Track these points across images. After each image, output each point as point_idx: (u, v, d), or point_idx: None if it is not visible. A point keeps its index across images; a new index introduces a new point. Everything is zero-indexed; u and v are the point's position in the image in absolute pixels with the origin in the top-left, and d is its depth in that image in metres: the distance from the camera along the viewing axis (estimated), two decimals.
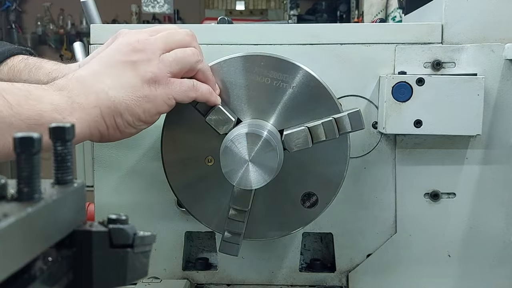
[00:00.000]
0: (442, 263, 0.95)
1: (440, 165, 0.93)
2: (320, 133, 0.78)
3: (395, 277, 0.96)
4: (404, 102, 0.88)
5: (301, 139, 0.78)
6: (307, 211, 0.84)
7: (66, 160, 0.34)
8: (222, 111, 0.79)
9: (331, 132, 0.78)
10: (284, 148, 0.79)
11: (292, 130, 0.79)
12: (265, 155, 0.74)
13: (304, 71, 0.81)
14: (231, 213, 0.81)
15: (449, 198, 0.94)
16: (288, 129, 0.80)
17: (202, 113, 0.80)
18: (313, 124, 0.79)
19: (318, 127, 0.78)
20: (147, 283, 0.93)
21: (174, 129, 0.84)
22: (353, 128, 0.79)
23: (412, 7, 1.32)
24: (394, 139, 0.94)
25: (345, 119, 0.78)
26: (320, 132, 0.78)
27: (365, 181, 0.95)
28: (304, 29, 0.94)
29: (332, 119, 0.78)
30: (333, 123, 0.78)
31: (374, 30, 0.93)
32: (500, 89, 0.91)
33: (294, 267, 0.98)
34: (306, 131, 0.78)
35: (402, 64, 0.91)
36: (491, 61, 0.91)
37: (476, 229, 0.94)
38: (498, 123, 0.92)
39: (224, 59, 0.82)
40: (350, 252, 0.97)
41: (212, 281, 0.99)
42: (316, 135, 0.78)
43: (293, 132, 0.79)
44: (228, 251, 0.83)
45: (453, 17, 0.92)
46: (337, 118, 0.78)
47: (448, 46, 0.91)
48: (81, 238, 0.34)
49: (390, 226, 0.96)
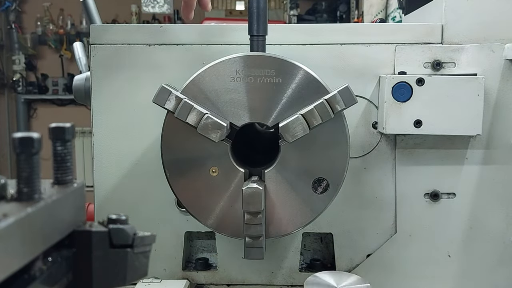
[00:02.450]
0: (442, 263, 0.95)
1: (440, 165, 0.93)
2: (315, 117, 0.78)
3: (395, 277, 0.96)
4: (404, 102, 0.88)
5: (297, 127, 0.78)
6: (321, 197, 0.83)
7: (66, 160, 0.34)
8: (211, 119, 0.79)
9: (326, 113, 0.78)
10: (283, 140, 0.79)
11: (287, 120, 0.79)
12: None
13: (286, 61, 0.81)
14: (247, 217, 0.80)
15: (449, 198, 0.94)
16: (283, 121, 0.80)
17: (194, 126, 0.80)
18: (306, 109, 0.79)
19: (312, 112, 0.78)
20: (147, 283, 0.93)
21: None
22: (346, 105, 0.78)
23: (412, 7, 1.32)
24: (394, 139, 0.94)
25: (336, 97, 0.78)
26: (315, 115, 0.78)
27: (365, 181, 0.95)
28: (304, 29, 0.94)
29: (324, 100, 0.78)
30: (325, 104, 0.78)
31: (374, 30, 0.93)
32: (500, 89, 0.91)
33: (294, 267, 0.98)
34: (300, 118, 0.78)
35: (402, 64, 0.91)
36: (491, 61, 0.91)
37: (476, 229, 0.94)
38: (498, 123, 0.92)
39: (204, 69, 0.82)
40: (350, 252, 0.97)
41: (212, 281, 0.99)
42: (311, 120, 0.78)
43: (288, 122, 0.79)
44: (253, 256, 0.81)
45: (453, 17, 0.92)
46: (328, 99, 0.78)
47: (448, 46, 0.91)
48: (81, 238, 0.34)
49: (390, 226, 0.96)
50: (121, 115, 0.95)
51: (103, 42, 0.94)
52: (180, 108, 0.79)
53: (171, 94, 0.79)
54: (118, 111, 0.95)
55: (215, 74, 0.81)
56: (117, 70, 0.94)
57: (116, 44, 0.94)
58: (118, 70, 0.94)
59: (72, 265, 0.34)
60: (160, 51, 0.94)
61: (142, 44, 0.94)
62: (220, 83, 0.81)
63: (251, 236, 0.81)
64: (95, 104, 0.95)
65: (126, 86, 0.94)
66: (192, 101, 0.79)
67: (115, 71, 0.94)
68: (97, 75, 0.95)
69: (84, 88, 1.03)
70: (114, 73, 0.94)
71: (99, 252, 0.34)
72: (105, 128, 0.95)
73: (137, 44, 0.94)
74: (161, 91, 0.80)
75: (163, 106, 0.80)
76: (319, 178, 0.83)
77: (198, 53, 0.93)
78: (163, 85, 0.80)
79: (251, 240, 0.81)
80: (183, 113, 0.79)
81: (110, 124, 0.95)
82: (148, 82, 0.92)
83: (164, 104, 0.79)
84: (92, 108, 0.96)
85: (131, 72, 0.94)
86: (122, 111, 0.95)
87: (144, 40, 0.94)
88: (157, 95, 0.80)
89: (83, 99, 1.03)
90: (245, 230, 0.80)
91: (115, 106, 0.95)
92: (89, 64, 0.97)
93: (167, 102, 0.79)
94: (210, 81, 0.82)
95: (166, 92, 0.79)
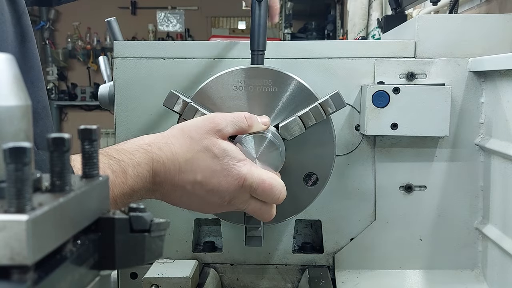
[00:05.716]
0: (414, 246, 0.95)
1: (413, 162, 0.93)
2: (310, 118, 0.78)
3: (374, 257, 0.96)
4: (383, 108, 0.88)
5: (295, 127, 0.78)
6: (311, 189, 0.83)
7: (93, 157, 0.34)
8: None
9: (319, 115, 0.78)
10: (283, 139, 0.79)
11: (286, 121, 0.79)
12: (270, 154, 0.74)
13: (282, 73, 0.81)
14: None
15: (421, 190, 0.94)
16: (282, 122, 0.80)
17: None
18: (302, 112, 0.79)
19: (307, 114, 0.78)
20: (162, 262, 0.93)
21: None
22: (337, 108, 0.78)
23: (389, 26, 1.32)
24: (374, 139, 0.94)
25: (328, 101, 0.78)
26: (310, 117, 0.78)
27: (348, 176, 0.95)
28: (297, 46, 0.93)
29: (317, 104, 0.78)
30: (319, 107, 0.78)
31: (357, 46, 0.93)
32: (464, 97, 0.91)
33: (288, 249, 0.98)
34: (297, 119, 0.78)
35: (380, 75, 0.91)
36: (457, 73, 0.91)
37: (444, 217, 0.94)
38: (463, 126, 0.92)
39: (211, 79, 0.82)
40: (336, 236, 0.97)
41: (217, 261, 0.99)
42: (307, 120, 0.78)
43: (287, 122, 0.79)
44: (253, 244, 0.81)
45: (424, 35, 0.92)
46: (321, 102, 0.78)
47: (420, 60, 0.91)
48: (105, 224, 0.34)
49: (370, 214, 0.96)
50: (139, 118, 0.95)
51: (125, 56, 0.94)
52: (186, 110, 0.79)
53: (179, 99, 0.79)
54: (137, 115, 0.95)
55: (221, 83, 0.81)
56: (136, 80, 0.94)
57: (135, 58, 0.94)
58: (137, 80, 0.94)
59: (98, 247, 0.34)
60: (173, 64, 0.93)
61: (157, 57, 0.93)
62: (225, 91, 0.81)
63: (251, 227, 0.80)
64: (117, 109, 0.95)
65: (144, 93, 0.94)
66: (197, 104, 0.79)
67: (134, 81, 0.94)
68: (119, 84, 0.95)
69: (108, 96, 1.03)
70: (133, 82, 0.94)
71: (121, 236, 0.34)
72: (126, 130, 0.95)
73: (153, 57, 0.93)
74: (170, 95, 0.79)
75: (171, 108, 0.79)
76: (310, 173, 0.83)
77: (206, 65, 0.93)
78: (172, 91, 0.79)
79: (251, 230, 0.81)
80: (189, 114, 0.79)
81: (130, 126, 0.95)
82: (163, 91, 0.91)
83: (172, 107, 0.79)
84: (115, 113, 0.95)
85: (148, 81, 0.94)
86: (140, 115, 0.95)
87: (160, 54, 0.93)
88: (166, 99, 0.79)
89: (107, 105, 1.03)
90: (246, 222, 0.80)
91: (134, 111, 0.95)
92: (112, 75, 0.97)
93: (175, 106, 0.79)
94: (216, 89, 0.81)
95: (175, 97, 0.79)
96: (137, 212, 0.35)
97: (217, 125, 0.70)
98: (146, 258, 0.36)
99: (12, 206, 0.26)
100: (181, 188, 0.68)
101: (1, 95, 0.31)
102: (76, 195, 0.30)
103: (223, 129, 0.70)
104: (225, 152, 0.69)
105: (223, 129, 0.70)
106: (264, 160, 0.74)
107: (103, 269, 0.34)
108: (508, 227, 0.84)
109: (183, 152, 0.68)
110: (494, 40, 0.91)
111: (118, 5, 6.27)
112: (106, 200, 0.35)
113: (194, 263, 0.93)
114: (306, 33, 4.55)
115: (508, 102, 0.84)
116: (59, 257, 0.29)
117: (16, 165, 0.26)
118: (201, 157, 0.68)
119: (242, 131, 0.73)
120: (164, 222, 0.37)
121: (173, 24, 6.54)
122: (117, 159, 0.64)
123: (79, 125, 0.34)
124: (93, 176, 0.34)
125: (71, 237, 0.30)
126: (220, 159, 0.68)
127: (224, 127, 0.70)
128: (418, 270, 0.95)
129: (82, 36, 6.45)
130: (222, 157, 0.68)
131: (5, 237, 0.25)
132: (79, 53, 6.44)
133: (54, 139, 0.30)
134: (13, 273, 0.25)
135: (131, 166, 0.65)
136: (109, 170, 0.63)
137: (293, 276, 0.98)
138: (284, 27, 4.47)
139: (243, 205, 0.71)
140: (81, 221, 0.31)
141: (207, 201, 0.69)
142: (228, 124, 0.71)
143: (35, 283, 0.26)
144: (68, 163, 0.31)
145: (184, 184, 0.68)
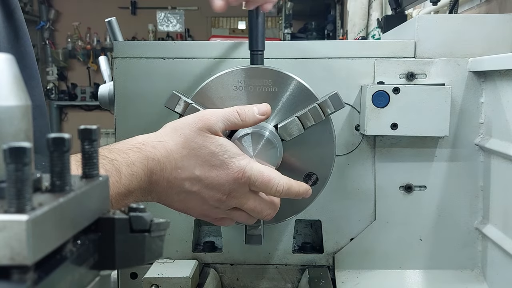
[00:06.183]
0: (414, 246, 0.95)
1: (413, 162, 0.93)
2: (308, 119, 0.78)
3: (374, 257, 0.96)
4: (382, 108, 0.88)
5: (294, 128, 0.78)
6: (312, 189, 0.83)
7: (93, 157, 0.34)
8: None
9: (318, 116, 0.78)
10: (282, 140, 0.79)
11: (285, 122, 0.79)
12: (267, 152, 0.74)
13: (281, 73, 0.81)
14: None
15: (421, 190, 0.94)
16: (281, 122, 0.80)
17: None
18: (301, 112, 0.78)
19: (306, 114, 0.78)
20: (162, 262, 0.93)
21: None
22: (335, 108, 0.78)
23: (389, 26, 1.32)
24: (374, 139, 0.94)
25: (327, 102, 0.78)
26: (309, 118, 0.78)
27: (349, 176, 0.95)
28: (297, 46, 0.93)
29: (316, 104, 0.78)
30: (318, 108, 0.78)
31: (357, 46, 0.93)
32: (464, 97, 0.91)
33: (288, 249, 0.98)
34: (296, 120, 0.78)
35: (380, 75, 0.91)
36: (457, 73, 0.91)
37: (444, 217, 0.94)
38: (463, 126, 0.92)
39: (211, 79, 0.81)
40: (336, 236, 0.97)
41: (217, 261, 0.99)
42: (306, 121, 0.78)
43: (286, 123, 0.79)
44: (253, 243, 0.81)
45: (424, 35, 0.92)
46: (320, 103, 0.78)
47: (420, 60, 0.91)
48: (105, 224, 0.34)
49: (370, 214, 0.96)
50: (139, 118, 0.95)
51: (125, 56, 0.94)
52: (188, 111, 0.79)
53: (180, 99, 0.79)
54: (136, 115, 0.95)
55: (221, 83, 0.81)
56: (136, 80, 0.94)
57: (135, 58, 0.94)
58: (137, 80, 0.94)
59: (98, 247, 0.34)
60: (173, 64, 0.93)
61: (157, 57, 0.93)
62: (225, 91, 0.81)
63: (251, 226, 0.80)
64: (117, 109, 0.95)
65: (144, 94, 0.94)
66: (198, 105, 0.79)
67: (134, 81, 0.94)
68: (119, 85, 0.94)
69: (108, 96, 1.03)
70: (133, 82, 0.94)
71: (121, 236, 0.34)
72: (126, 130, 0.95)
73: (153, 58, 0.93)
74: (172, 96, 0.79)
75: (173, 109, 0.79)
76: (310, 173, 0.83)
77: (206, 65, 0.93)
78: (174, 92, 0.79)
79: (251, 229, 0.81)
80: None
81: (130, 126, 0.95)
82: (163, 91, 0.91)
83: (174, 108, 0.79)
84: (115, 113, 0.95)
85: (148, 82, 0.94)
86: (140, 115, 0.95)
87: (160, 55, 0.93)
88: (168, 100, 0.79)
89: (107, 105, 1.03)
90: None
91: (134, 111, 0.95)
92: (112, 75, 0.97)
93: (176, 106, 0.79)
94: (216, 89, 0.81)
95: (176, 98, 0.79)
96: (137, 212, 0.35)
97: (207, 121, 0.70)
98: (146, 258, 0.36)
99: (12, 206, 0.26)
100: (178, 186, 0.68)
101: (1, 95, 0.31)
102: (76, 195, 0.30)
103: (213, 125, 0.70)
104: (223, 147, 0.69)
105: (213, 125, 0.70)
106: (262, 158, 0.74)
107: (103, 269, 0.34)
108: (508, 227, 0.84)
109: (178, 149, 0.68)
110: (494, 40, 0.91)
111: (118, 5, 6.27)
112: (106, 200, 0.35)
113: (194, 263, 0.93)
114: (306, 33, 4.55)
115: (508, 102, 0.84)
116: (59, 257, 0.29)
117: (16, 165, 0.26)
118: (197, 153, 0.68)
119: (235, 126, 0.73)
120: (164, 222, 0.37)
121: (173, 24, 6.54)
122: (109, 158, 0.63)
123: (79, 125, 0.34)
124: (93, 176, 0.34)
125: (71, 237, 0.30)
126: (219, 154, 0.68)
127: (214, 123, 0.70)
128: (418, 270, 0.95)
129: (82, 36, 6.45)
130: (220, 152, 0.68)
131: (5, 237, 0.25)
132: (79, 53, 6.44)
133: (54, 139, 0.30)
134: (13, 273, 0.25)
135: (125, 165, 0.64)
136: (101, 170, 0.62)
137: (293, 276, 0.98)
138: (284, 27, 4.46)
139: (242, 199, 0.71)
140: (81, 221, 0.31)
141: (206, 198, 0.69)
142: (219, 120, 0.71)
143: (35, 283, 0.26)
144: (68, 163, 0.31)
145: (182, 181, 0.68)
